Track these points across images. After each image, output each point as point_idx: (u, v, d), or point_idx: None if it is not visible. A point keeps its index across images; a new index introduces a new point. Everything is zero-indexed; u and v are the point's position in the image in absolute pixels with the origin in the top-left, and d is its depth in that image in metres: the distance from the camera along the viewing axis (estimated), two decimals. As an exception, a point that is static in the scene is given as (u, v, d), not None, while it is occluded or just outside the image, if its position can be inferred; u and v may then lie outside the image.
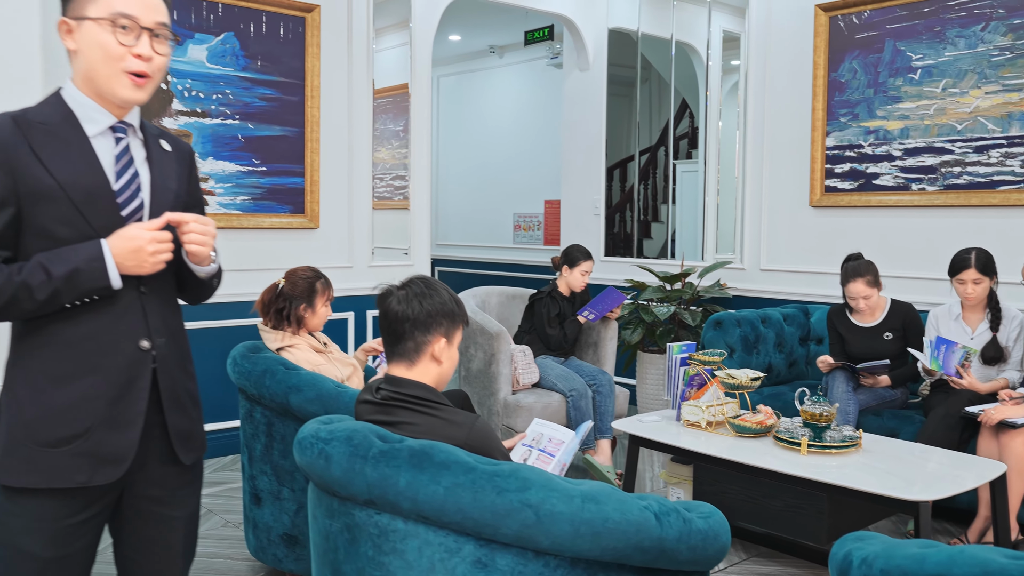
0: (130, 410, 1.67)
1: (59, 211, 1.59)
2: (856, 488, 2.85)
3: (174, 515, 1.79)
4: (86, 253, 1.58)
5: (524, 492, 1.68)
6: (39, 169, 1.58)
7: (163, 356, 1.72)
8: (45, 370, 1.62)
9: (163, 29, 1.65)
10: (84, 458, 1.62)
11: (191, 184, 1.85)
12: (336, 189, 5.01)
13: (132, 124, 1.71)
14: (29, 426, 1.61)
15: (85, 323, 1.63)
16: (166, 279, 1.75)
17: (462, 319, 2.00)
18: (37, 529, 1.62)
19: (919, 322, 4.08)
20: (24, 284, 1.55)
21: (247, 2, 4.62)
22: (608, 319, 4.68)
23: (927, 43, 4.55)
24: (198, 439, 1.83)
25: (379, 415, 1.93)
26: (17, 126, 1.59)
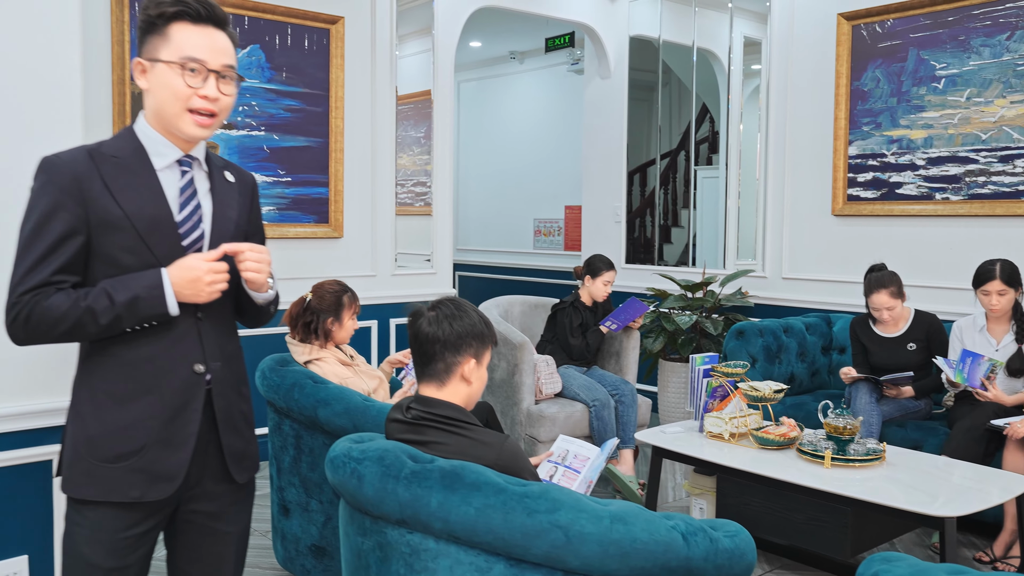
0: (183, 431, 1.73)
1: (125, 240, 1.67)
2: (881, 503, 2.85)
3: (227, 530, 1.86)
4: (147, 281, 1.65)
5: (554, 513, 1.70)
6: (108, 200, 1.66)
7: (217, 379, 1.79)
8: (107, 389, 1.70)
9: (229, 71, 1.73)
10: (139, 474, 1.69)
11: (252, 213, 1.92)
12: (359, 198, 5.06)
13: (197, 157, 1.79)
14: (91, 442, 1.69)
15: (144, 346, 1.70)
16: (223, 306, 1.81)
17: (491, 340, 2.03)
18: (98, 539, 1.70)
19: (943, 333, 4.07)
20: (89, 309, 1.62)
21: (273, 15, 4.68)
22: (630, 328, 4.69)
23: (951, 52, 4.53)
24: (251, 459, 1.89)
25: (410, 434, 1.96)
26: (91, 159, 1.68)
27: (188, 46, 1.68)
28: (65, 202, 1.64)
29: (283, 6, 4.70)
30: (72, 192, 1.64)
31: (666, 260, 6.33)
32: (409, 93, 5.38)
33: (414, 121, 5.44)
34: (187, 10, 1.68)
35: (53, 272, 1.63)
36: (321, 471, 2.92)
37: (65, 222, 1.64)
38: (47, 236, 1.63)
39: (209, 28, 1.71)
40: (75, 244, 1.65)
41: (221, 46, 1.72)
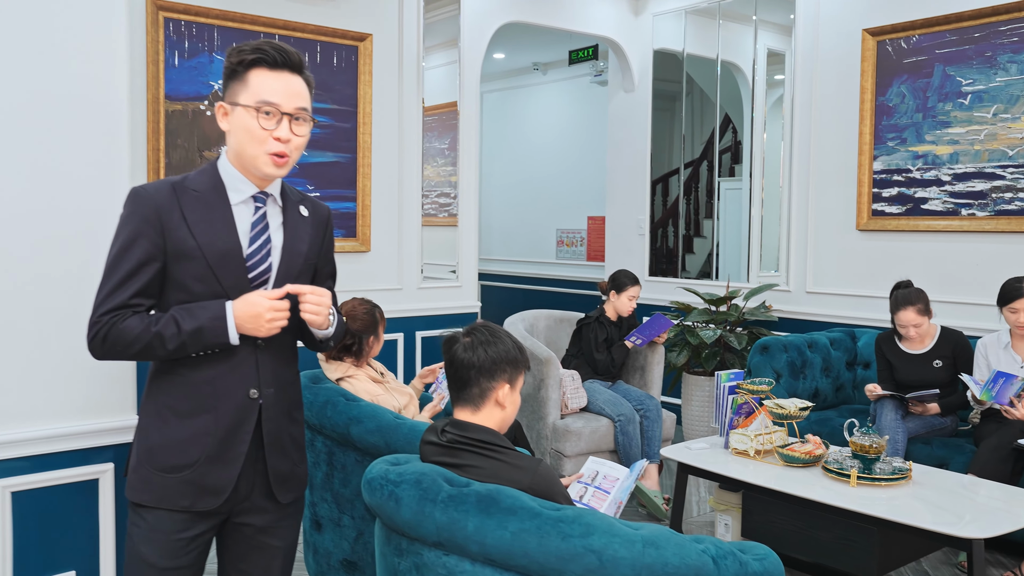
0: (233, 450, 1.84)
1: (196, 269, 1.79)
2: (908, 523, 2.87)
3: (273, 544, 1.96)
4: (211, 313, 1.77)
5: (587, 537, 1.74)
6: (184, 231, 1.78)
7: (268, 405, 1.88)
8: (170, 405, 1.83)
9: (303, 113, 1.83)
10: (189, 486, 1.81)
11: (324, 246, 2.00)
12: (386, 213, 5.13)
13: (272, 194, 1.89)
14: (151, 451, 1.83)
15: (206, 369, 1.82)
16: (283, 337, 1.90)
17: (524, 365, 2.08)
18: (153, 540, 1.82)
19: (970, 350, 4.07)
20: (159, 334, 1.75)
21: (303, 33, 4.76)
22: (655, 343, 4.73)
23: (977, 68, 4.54)
24: (296, 480, 1.98)
25: (445, 457, 2.01)
26: (174, 192, 1.81)
27: (264, 91, 1.78)
28: (146, 231, 1.76)
29: (313, 24, 4.78)
30: (153, 222, 1.76)
31: (688, 271, 6.35)
32: (434, 105, 5.44)
33: (438, 132, 5.50)
34: (264, 57, 1.79)
35: (131, 296, 1.76)
36: (353, 487, 2.97)
37: (144, 250, 1.76)
38: (127, 262, 1.76)
39: (285, 73, 1.80)
40: (152, 270, 1.77)
41: (295, 90, 1.81)
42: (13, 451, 2.08)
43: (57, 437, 2.14)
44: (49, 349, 2.14)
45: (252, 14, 4.58)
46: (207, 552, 1.91)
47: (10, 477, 2.07)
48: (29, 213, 2.11)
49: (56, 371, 2.15)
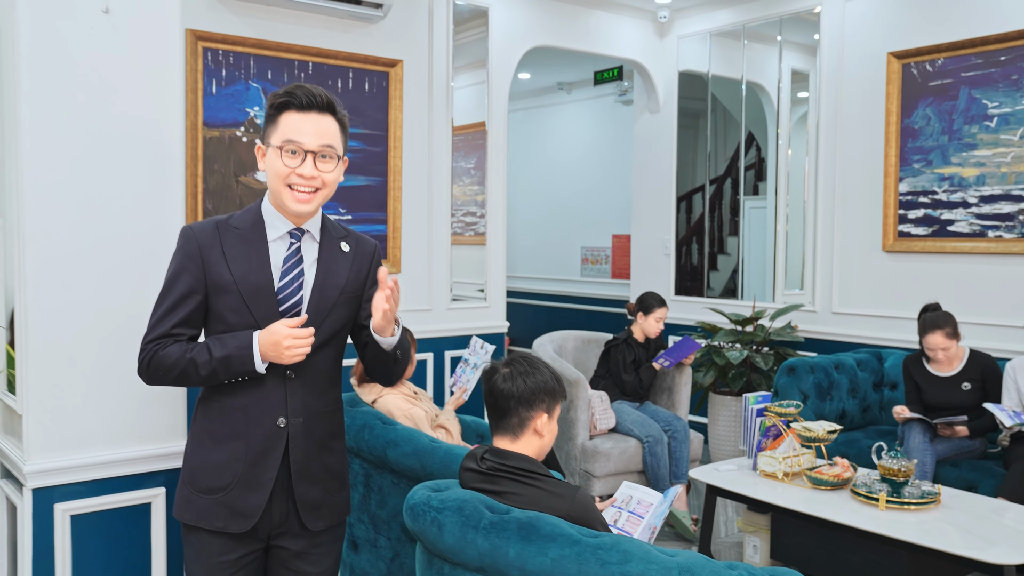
0: (263, 475, 1.93)
1: (231, 301, 1.90)
2: (938, 548, 2.89)
3: (309, 570, 2.02)
4: (240, 342, 1.87)
5: (625, 564, 1.80)
6: (223, 266, 1.90)
7: (296, 433, 1.94)
8: (209, 429, 1.95)
9: (328, 150, 1.92)
10: (224, 508, 1.92)
11: (369, 277, 2.06)
12: (416, 235, 5.21)
13: (308, 230, 1.98)
14: (192, 473, 1.95)
15: (240, 396, 1.92)
16: (316, 367, 1.97)
17: (561, 395, 2.14)
18: (199, 561, 1.95)
19: (999, 373, 4.09)
20: (193, 361, 1.86)
21: (336, 60, 4.87)
22: (683, 365, 4.77)
23: (1003, 91, 4.56)
24: (329, 509, 2.03)
25: (484, 484, 2.07)
26: (217, 230, 1.94)
27: (289, 130, 1.89)
28: (189, 267, 1.90)
29: (346, 51, 4.89)
30: (195, 258, 1.90)
31: (712, 288, 6.38)
32: (460, 125, 5.54)
33: (464, 152, 5.59)
34: (292, 100, 1.89)
35: (173, 325, 1.89)
36: (389, 509, 3.04)
37: (187, 284, 1.90)
38: (172, 294, 1.90)
39: (312, 114, 1.89)
40: (194, 302, 1.90)
41: (322, 129, 1.90)
42: (73, 476, 2.17)
43: (113, 463, 2.23)
44: (106, 379, 2.23)
45: (287, 43, 4.69)
46: (259, 573, 2.00)
47: (69, 501, 2.16)
48: (91, 249, 2.21)
49: (112, 400, 2.24)
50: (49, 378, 2.14)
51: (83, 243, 2.19)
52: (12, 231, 2.15)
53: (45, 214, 2.13)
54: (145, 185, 2.27)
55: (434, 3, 5.21)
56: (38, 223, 2.12)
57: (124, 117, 2.23)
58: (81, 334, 2.18)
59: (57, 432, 2.15)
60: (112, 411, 2.23)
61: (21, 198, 2.10)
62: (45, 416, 2.13)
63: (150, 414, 2.29)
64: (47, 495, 2.13)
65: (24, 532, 2.12)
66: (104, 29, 2.15)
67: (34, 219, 2.11)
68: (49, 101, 2.13)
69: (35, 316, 2.12)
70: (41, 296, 2.12)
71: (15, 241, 2.13)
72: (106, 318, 2.21)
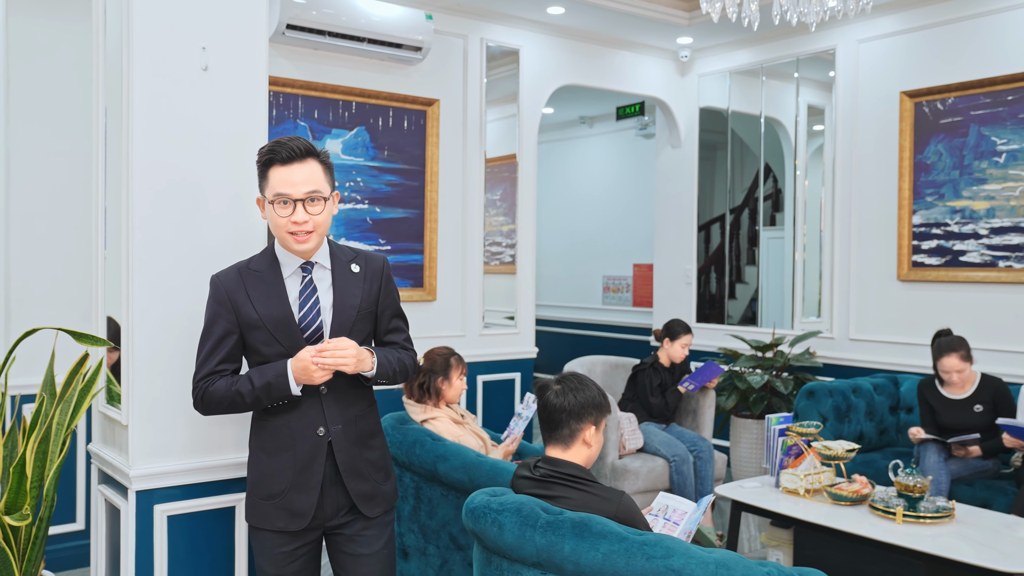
0: (311, 479, 2.22)
1: (262, 336, 2.19)
2: (953, 558, 3.09)
3: (362, 552, 2.31)
4: (276, 371, 2.14)
5: (668, 559, 2.02)
6: (249, 307, 2.18)
7: (338, 439, 2.24)
8: (261, 446, 2.25)
9: (314, 194, 2.15)
10: (281, 511, 2.21)
11: (383, 291, 2.34)
12: (451, 264, 5.49)
13: (317, 262, 2.25)
14: (253, 484, 2.25)
15: (283, 415, 2.21)
16: (346, 381, 2.25)
17: (607, 409, 2.38)
18: (263, 553, 2.26)
19: (1009, 396, 4.29)
20: (238, 392, 2.15)
21: (377, 99, 5.18)
22: (707, 388, 5.00)
23: (1011, 129, 4.81)
24: (382, 496, 2.33)
25: (538, 489, 2.31)
26: (239, 275, 2.21)
27: (277, 184, 2.14)
28: (221, 311, 2.19)
29: (386, 91, 5.20)
30: (225, 303, 2.19)
31: (731, 316, 6.61)
32: (490, 158, 5.82)
33: (491, 184, 5.87)
34: (275, 156, 2.15)
35: (217, 363, 2.18)
36: (439, 519, 3.28)
37: (222, 327, 2.19)
38: (211, 337, 2.19)
39: (295, 165, 2.15)
40: (231, 341, 2.20)
41: (304, 177, 2.15)
42: (170, 481, 2.42)
43: (203, 469, 2.48)
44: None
45: (332, 84, 5.00)
46: (315, 559, 2.30)
47: (167, 503, 2.42)
48: (188, 281, 2.48)
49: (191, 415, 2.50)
50: (151, 393, 2.40)
51: (182, 276, 2.47)
52: (120, 262, 2.42)
53: (150, 247, 2.40)
54: (235, 222, 2.54)
55: (469, 45, 5.52)
56: (145, 255, 2.39)
57: (220, 161, 2.51)
58: (178, 355, 2.45)
59: (157, 441, 2.41)
60: (203, 423, 2.49)
61: (131, 233, 2.37)
62: (148, 426, 2.39)
63: (235, 426, 2.55)
64: (148, 497, 2.39)
65: (128, 531, 2.37)
66: (204, 86, 2.45)
67: (141, 252, 2.39)
68: (156, 149, 2.42)
69: (139, 339, 2.39)
70: (145, 322, 2.39)
71: (123, 271, 2.40)
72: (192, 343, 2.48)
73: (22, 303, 3.91)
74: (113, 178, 2.52)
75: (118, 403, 2.48)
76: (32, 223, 4.02)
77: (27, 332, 2.47)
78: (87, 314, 3.81)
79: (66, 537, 4.06)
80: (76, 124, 4.08)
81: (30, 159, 4.01)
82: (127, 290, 2.38)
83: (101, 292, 2.64)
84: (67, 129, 4.08)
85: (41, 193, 4.04)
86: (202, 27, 2.47)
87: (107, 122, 2.59)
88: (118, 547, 2.47)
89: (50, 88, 4.06)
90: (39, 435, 2.34)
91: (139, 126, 2.39)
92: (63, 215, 4.08)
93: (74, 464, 4.09)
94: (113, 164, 2.53)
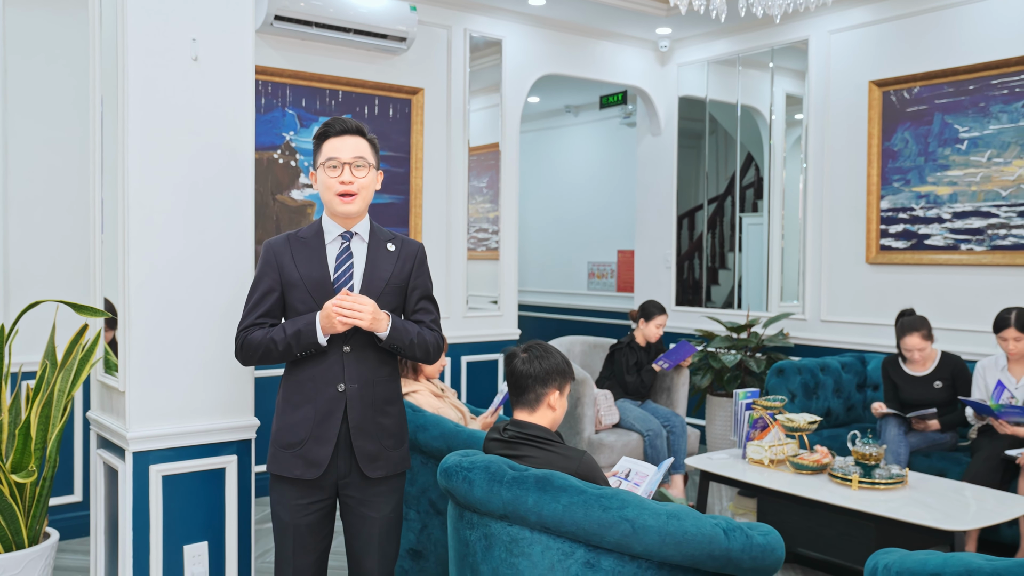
0: (329, 432, 2.40)
1: (300, 294, 2.41)
2: (900, 519, 3.30)
3: (369, 514, 2.47)
4: (306, 319, 2.36)
5: (623, 509, 2.21)
6: (292, 268, 2.42)
7: (353, 397, 2.41)
8: (287, 397, 2.43)
9: (360, 160, 2.43)
10: (299, 459, 2.39)
11: (413, 272, 2.54)
12: (436, 248, 5.66)
13: (358, 232, 2.47)
14: (276, 433, 2.44)
15: (309, 369, 2.40)
16: (369, 345, 2.43)
17: (571, 376, 2.57)
18: (281, 503, 2.43)
19: (967, 372, 4.50)
20: (272, 339, 2.36)
21: (363, 88, 5.34)
22: (681, 367, 5.20)
23: (973, 117, 5.00)
24: (385, 461, 2.47)
25: (506, 450, 2.50)
26: (288, 240, 2.46)
27: (330, 151, 2.42)
28: (268, 271, 2.43)
29: (372, 81, 5.36)
30: (272, 264, 2.43)
31: (713, 301, 6.80)
32: (474, 146, 5.99)
33: (476, 172, 6.04)
34: (330, 130, 2.43)
35: (258, 316, 2.41)
36: (418, 486, 3.46)
37: (266, 284, 2.43)
38: (256, 292, 2.43)
39: (345, 137, 2.43)
40: (273, 298, 2.43)
41: (352, 145, 2.42)
42: (165, 443, 2.61)
43: (195, 432, 2.66)
44: (190, 363, 2.68)
45: (319, 73, 5.17)
46: (329, 518, 2.47)
47: (162, 463, 2.60)
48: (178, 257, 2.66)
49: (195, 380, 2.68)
50: (146, 361, 2.59)
51: (176, 252, 2.65)
52: (117, 241, 2.60)
53: (144, 229, 2.59)
54: (228, 203, 2.72)
55: (452, 36, 5.69)
56: (140, 235, 2.57)
57: (210, 146, 2.69)
58: (172, 326, 2.63)
59: (151, 405, 2.59)
60: (195, 389, 2.68)
61: (127, 217, 2.55)
62: (143, 392, 2.57)
63: (225, 393, 2.73)
64: (144, 458, 2.57)
65: (126, 491, 2.56)
66: (194, 75, 2.62)
67: (137, 234, 2.57)
68: (150, 136, 2.60)
69: (135, 312, 2.57)
70: (141, 295, 2.57)
71: (119, 251, 2.58)
72: (191, 312, 2.67)
73: (20, 285, 4.08)
74: (109, 164, 2.70)
75: (115, 371, 2.66)
76: (30, 209, 4.18)
77: (30, 305, 2.65)
78: (83, 295, 3.98)
79: (65, 508, 4.25)
80: (70, 114, 4.25)
81: (27, 148, 4.18)
82: (123, 266, 2.56)
83: (99, 274, 2.82)
84: (61, 119, 4.25)
85: (38, 180, 4.21)
86: (192, 19, 2.65)
87: (103, 111, 2.76)
88: (116, 508, 2.65)
89: (45, 80, 4.22)
90: (42, 400, 2.52)
91: (134, 114, 2.56)
92: (59, 201, 4.25)
93: (71, 438, 4.27)
94: (109, 151, 2.70)
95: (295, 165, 5.16)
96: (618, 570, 2.23)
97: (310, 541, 2.43)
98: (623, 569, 2.23)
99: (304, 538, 2.42)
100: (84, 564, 3.97)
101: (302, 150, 5.17)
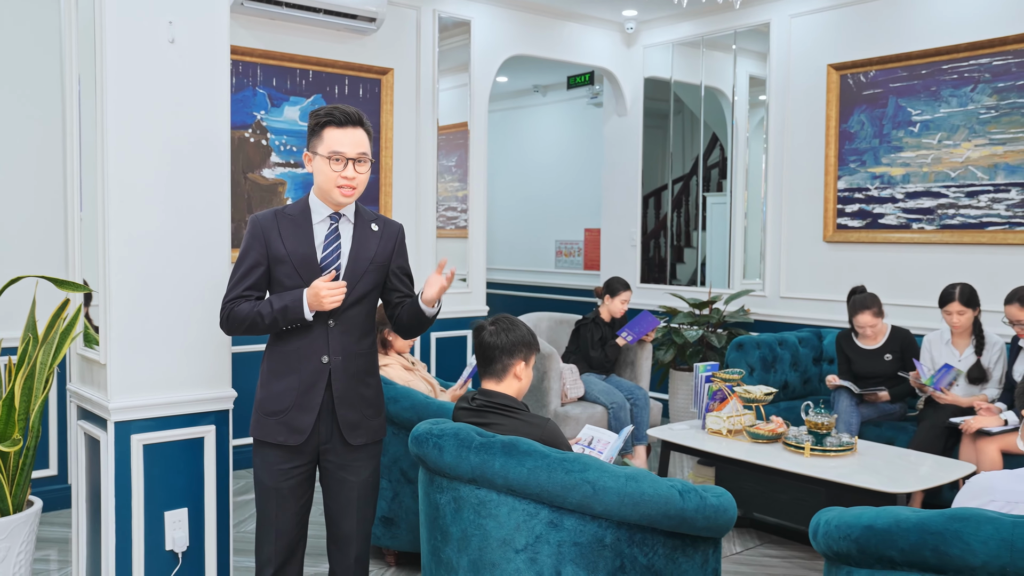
0: (312, 401, 2.51)
1: (286, 270, 2.48)
2: (847, 483, 3.49)
3: (349, 479, 2.59)
4: (293, 296, 2.45)
5: (584, 472, 2.36)
6: (279, 243, 2.49)
7: (336, 368, 2.53)
8: (271, 367, 2.53)
9: (363, 156, 2.50)
10: (283, 426, 2.49)
11: (394, 252, 2.64)
12: (405, 227, 5.72)
13: (344, 214, 2.56)
14: (261, 401, 2.53)
15: (294, 341, 2.50)
16: (352, 319, 2.54)
17: (536, 347, 2.70)
18: (264, 468, 2.53)
19: (915, 346, 4.70)
20: (259, 312, 2.44)
21: (333, 68, 5.40)
22: (644, 342, 5.36)
23: (925, 100, 5.19)
24: (365, 429, 2.59)
25: (474, 418, 2.63)
26: (275, 217, 2.52)
27: (333, 143, 2.45)
28: (255, 245, 2.49)
29: (342, 61, 5.43)
30: (259, 238, 2.50)
31: (679, 279, 6.98)
32: (443, 125, 6.08)
33: (446, 151, 6.13)
34: (332, 119, 2.46)
35: (244, 289, 2.48)
36: (390, 455, 3.59)
37: (253, 258, 2.49)
38: (243, 266, 2.49)
39: (349, 128, 2.47)
40: (259, 272, 2.49)
41: (356, 140, 2.48)
42: (145, 413, 2.70)
43: (174, 403, 2.76)
44: (170, 336, 2.77)
45: (290, 52, 5.22)
46: (309, 482, 2.58)
47: (143, 433, 2.69)
48: (157, 232, 2.74)
49: (174, 352, 2.78)
50: (127, 335, 2.68)
51: (155, 228, 2.73)
52: (96, 222, 2.68)
53: (124, 205, 2.67)
54: (205, 180, 2.81)
55: (421, 16, 5.76)
56: (119, 213, 2.66)
57: (187, 126, 2.77)
58: (151, 299, 2.72)
59: (132, 377, 2.69)
60: (175, 361, 2.78)
61: (106, 194, 2.63)
62: (124, 364, 2.67)
63: (203, 365, 2.83)
64: (125, 427, 2.66)
65: (108, 460, 2.65)
66: (171, 56, 2.69)
67: (117, 210, 2.65)
68: (129, 115, 2.67)
69: (116, 286, 2.65)
70: (121, 270, 2.66)
71: (99, 229, 2.66)
72: (170, 287, 2.76)
73: (2, 262, 4.13)
74: (88, 142, 2.77)
75: (95, 345, 2.75)
76: (8, 186, 4.22)
77: (12, 280, 2.72)
78: (61, 271, 4.04)
79: (42, 481, 4.33)
80: (51, 91, 4.28)
81: (5, 125, 4.22)
82: (104, 242, 2.64)
83: (77, 250, 2.89)
84: (42, 96, 4.29)
85: (17, 157, 4.25)
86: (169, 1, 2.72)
87: (80, 89, 2.82)
88: (98, 477, 2.75)
89: (25, 57, 4.25)
90: (25, 372, 2.60)
91: (112, 95, 2.63)
92: (39, 178, 4.29)
93: (46, 414, 4.34)
94: (88, 129, 2.77)
95: (266, 144, 5.22)
96: (580, 529, 2.38)
97: (291, 503, 2.54)
98: (584, 528, 2.38)
99: (286, 501, 2.53)
100: (63, 535, 4.06)
101: (273, 129, 5.23)
